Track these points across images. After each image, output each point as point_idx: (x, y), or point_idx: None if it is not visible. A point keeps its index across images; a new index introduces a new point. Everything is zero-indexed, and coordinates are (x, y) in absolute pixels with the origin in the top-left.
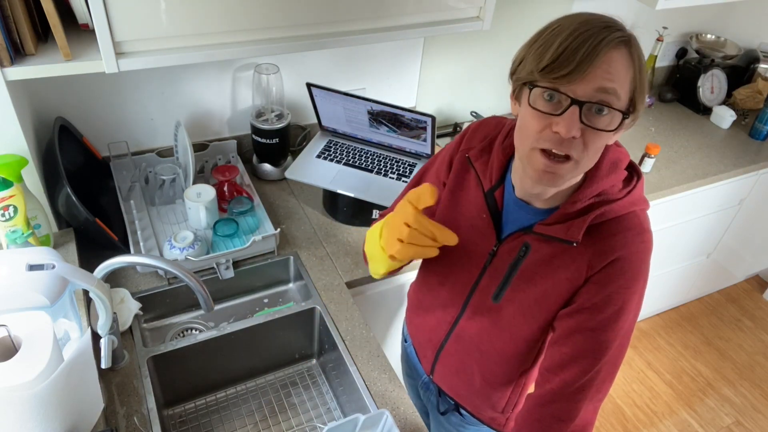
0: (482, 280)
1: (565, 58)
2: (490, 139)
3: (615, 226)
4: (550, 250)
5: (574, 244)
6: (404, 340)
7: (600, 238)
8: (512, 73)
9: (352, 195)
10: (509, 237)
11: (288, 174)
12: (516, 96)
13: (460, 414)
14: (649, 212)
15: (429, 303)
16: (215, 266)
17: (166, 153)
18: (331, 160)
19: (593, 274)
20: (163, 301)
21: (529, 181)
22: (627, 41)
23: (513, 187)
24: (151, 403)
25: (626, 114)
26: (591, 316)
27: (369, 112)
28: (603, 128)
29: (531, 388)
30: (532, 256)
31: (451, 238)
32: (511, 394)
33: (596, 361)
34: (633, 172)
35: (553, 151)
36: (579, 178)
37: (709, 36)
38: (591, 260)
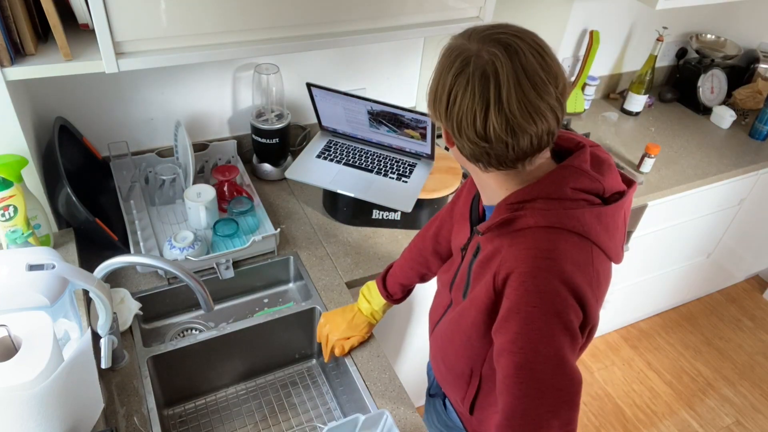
0: (457, 276)
1: None
2: None
3: (528, 238)
4: (490, 250)
5: (480, 234)
6: None
7: (512, 244)
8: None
9: (352, 195)
10: (473, 237)
11: (288, 174)
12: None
13: (444, 404)
14: (649, 212)
15: (437, 287)
16: (215, 266)
17: (166, 153)
18: (331, 160)
19: (501, 286)
20: (163, 301)
21: None
22: None
23: None
24: (151, 403)
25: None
26: (503, 336)
27: (369, 112)
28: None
29: (486, 392)
30: (479, 256)
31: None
32: (468, 390)
33: (520, 394)
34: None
35: None
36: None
37: (709, 36)
38: (499, 266)
